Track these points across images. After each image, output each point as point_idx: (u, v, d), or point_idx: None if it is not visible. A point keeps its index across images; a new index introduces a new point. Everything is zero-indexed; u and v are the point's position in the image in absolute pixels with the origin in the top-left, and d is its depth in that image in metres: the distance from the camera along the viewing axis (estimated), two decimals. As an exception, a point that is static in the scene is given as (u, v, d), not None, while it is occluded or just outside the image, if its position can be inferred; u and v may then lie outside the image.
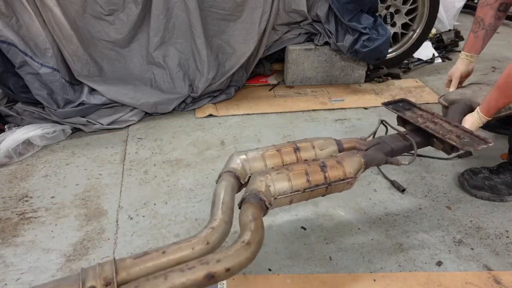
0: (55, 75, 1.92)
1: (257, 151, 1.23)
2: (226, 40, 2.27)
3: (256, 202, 1.04)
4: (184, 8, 2.08)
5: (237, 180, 1.15)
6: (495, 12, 1.52)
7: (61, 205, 1.57)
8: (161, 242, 1.40)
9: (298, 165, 1.17)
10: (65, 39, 1.95)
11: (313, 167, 1.15)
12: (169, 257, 0.88)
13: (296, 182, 1.12)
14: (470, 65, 1.64)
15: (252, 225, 0.96)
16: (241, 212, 1.02)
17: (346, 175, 1.16)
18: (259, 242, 0.95)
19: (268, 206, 1.08)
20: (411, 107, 1.53)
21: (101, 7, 1.98)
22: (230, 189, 1.10)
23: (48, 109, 1.97)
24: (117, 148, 1.96)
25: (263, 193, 1.07)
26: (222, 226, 0.96)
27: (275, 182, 1.10)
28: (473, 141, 1.29)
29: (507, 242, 1.39)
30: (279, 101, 2.42)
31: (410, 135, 1.37)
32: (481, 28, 1.56)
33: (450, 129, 1.37)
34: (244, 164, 1.20)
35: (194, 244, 0.91)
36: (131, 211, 1.55)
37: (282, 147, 1.24)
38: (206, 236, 0.92)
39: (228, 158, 1.24)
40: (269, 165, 1.21)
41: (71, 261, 1.32)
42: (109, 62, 2.15)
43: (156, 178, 1.74)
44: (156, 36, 2.13)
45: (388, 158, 1.29)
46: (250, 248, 0.91)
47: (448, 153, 1.35)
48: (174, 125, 2.17)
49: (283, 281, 1.23)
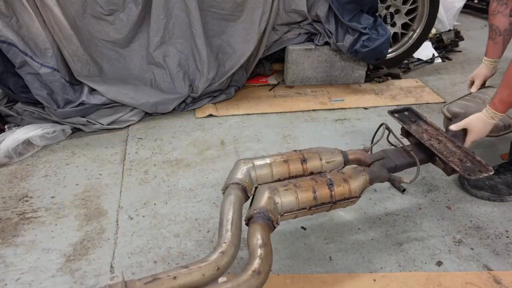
0: (55, 75, 1.92)
1: (264, 160, 1.22)
2: (226, 40, 2.27)
3: (264, 223, 1.03)
4: (184, 8, 2.08)
5: (244, 193, 1.14)
6: (508, 19, 1.58)
7: (61, 205, 1.57)
8: (161, 242, 1.40)
9: (305, 180, 1.17)
10: (65, 39, 1.95)
11: (320, 184, 1.15)
12: (180, 282, 0.87)
13: (303, 199, 1.12)
14: (494, 69, 1.71)
15: (262, 251, 0.95)
16: (249, 234, 1.01)
17: (352, 194, 1.17)
18: (268, 270, 0.95)
19: (276, 226, 1.07)
20: (417, 119, 1.52)
21: (101, 7, 1.98)
22: (238, 204, 1.09)
23: (48, 109, 1.97)
24: (117, 148, 1.96)
25: (271, 211, 1.06)
26: (231, 250, 0.96)
27: (283, 199, 1.10)
28: (475, 166, 1.29)
29: (507, 242, 1.39)
30: (279, 101, 2.42)
31: (415, 151, 1.37)
32: (498, 35, 1.62)
33: (453, 150, 1.36)
34: (250, 173, 1.19)
35: (204, 270, 0.90)
36: (131, 211, 1.55)
37: (289, 157, 1.24)
38: (216, 261, 0.92)
39: (234, 165, 1.23)
40: (275, 174, 1.21)
41: (71, 261, 1.32)
42: (109, 62, 2.15)
43: (156, 178, 1.74)
44: (156, 36, 2.13)
45: (391, 175, 1.29)
46: (260, 278, 0.91)
47: (449, 175, 1.37)
48: (174, 125, 2.17)
49: (283, 281, 1.23)
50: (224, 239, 0.97)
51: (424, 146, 1.38)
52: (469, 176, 1.24)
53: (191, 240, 1.41)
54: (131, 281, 0.85)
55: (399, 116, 1.53)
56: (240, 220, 1.05)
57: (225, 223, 1.02)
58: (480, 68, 1.72)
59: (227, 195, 1.11)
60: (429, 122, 1.49)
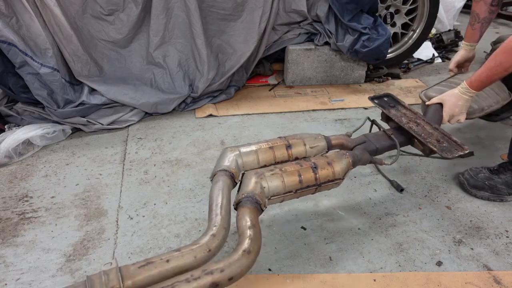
0: (55, 75, 1.92)
1: (250, 147, 1.26)
2: (226, 40, 2.27)
3: (252, 207, 1.07)
4: (184, 8, 2.08)
5: (232, 179, 1.17)
6: (488, 7, 1.67)
7: (61, 205, 1.57)
8: (161, 242, 1.40)
9: (290, 165, 1.21)
10: (65, 39, 1.95)
11: (305, 167, 1.20)
12: (172, 264, 0.90)
13: (289, 183, 1.16)
14: (471, 52, 1.82)
15: (252, 232, 0.99)
16: (238, 217, 1.05)
17: (336, 176, 1.22)
18: (258, 250, 0.98)
19: (263, 209, 1.11)
20: (396, 104, 1.60)
21: (101, 7, 1.98)
22: (227, 190, 1.12)
23: (48, 109, 1.97)
24: (117, 148, 1.96)
25: (259, 195, 1.10)
26: (222, 232, 0.99)
27: (270, 184, 1.14)
28: (451, 146, 1.35)
29: (507, 242, 1.39)
30: (279, 101, 2.42)
31: (395, 134, 1.44)
32: (477, 22, 1.72)
33: (431, 132, 1.43)
34: (237, 160, 1.22)
35: (196, 252, 0.93)
36: (131, 211, 1.55)
37: (274, 143, 1.28)
38: (207, 244, 0.95)
39: (221, 153, 1.26)
40: (261, 160, 1.25)
41: (71, 261, 1.32)
42: (109, 62, 2.15)
43: (156, 178, 1.74)
44: (156, 36, 2.13)
45: (372, 157, 1.37)
46: (250, 257, 0.94)
47: (427, 155, 1.43)
48: (174, 125, 2.17)
49: (283, 281, 1.23)
50: (215, 223, 1.00)
51: (403, 129, 1.45)
52: (446, 155, 1.30)
53: (191, 240, 1.41)
54: (125, 266, 0.87)
55: (379, 101, 1.61)
56: (229, 205, 1.08)
57: (214, 207, 1.05)
58: (460, 51, 1.84)
59: (215, 182, 1.14)
60: (407, 106, 1.57)
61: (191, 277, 0.86)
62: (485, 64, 1.38)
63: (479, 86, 1.42)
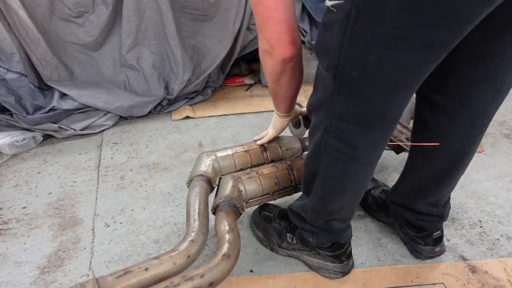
0: (22, 81, 1.85)
1: (226, 151, 1.27)
2: (200, 41, 2.25)
3: (230, 211, 1.07)
4: (156, 9, 2.04)
5: (209, 184, 1.17)
6: None
7: (33, 216, 1.52)
8: (140, 248, 1.37)
9: (267, 167, 1.22)
10: (33, 43, 1.87)
11: (281, 170, 1.22)
12: (152, 273, 0.88)
13: (266, 186, 1.18)
14: None
15: (230, 236, 0.99)
16: (217, 222, 1.04)
17: None
18: (237, 253, 0.98)
19: (241, 212, 1.11)
20: None
21: (69, 9, 1.92)
22: (204, 195, 1.11)
23: (16, 116, 1.89)
24: (92, 154, 1.91)
25: (236, 199, 1.10)
26: (200, 238, 0.98)
27: (247, 187, 1.15)
28: None
29: (480, 231, 1.44)
30: (256, 101, 2.41)
31: None
32: None
33: (400, 130, 1.46)
34: (214, 164, 1.22)
35: (175, 259, 0.91)
36: (107, 218, 1.51)
37: (250, 147, 1.29)
38: (186, 250, 0.94)
39: (197, 158, 1.26)
40: (238, 164, 1.26)
41: (45, 273, 1.27)
42: (80, 66, 2.09)
43: (133, 183, 1.70)
44: (129, 38, 2.08)
45: None
46: (230, 261, 0.94)
47: (397, 153, 1.46)
48: (150, 128, 2.13)
49: (265, 281, 1.23)
50: (193, 228, 0.99)
51: None
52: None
53: (171, 245, 1.38)
54: (102, 277, 0.84)
55: None
56: (207, 210, 1.07)
57: (192, 213, 1.04)
58: None
59: (192, 188, 1.13)
60: None
61: (171, 284, 0.85)
62: None
63: (281, 109, 1.26)
